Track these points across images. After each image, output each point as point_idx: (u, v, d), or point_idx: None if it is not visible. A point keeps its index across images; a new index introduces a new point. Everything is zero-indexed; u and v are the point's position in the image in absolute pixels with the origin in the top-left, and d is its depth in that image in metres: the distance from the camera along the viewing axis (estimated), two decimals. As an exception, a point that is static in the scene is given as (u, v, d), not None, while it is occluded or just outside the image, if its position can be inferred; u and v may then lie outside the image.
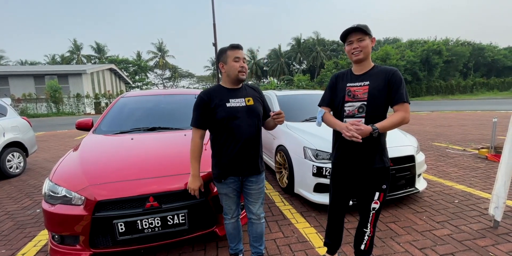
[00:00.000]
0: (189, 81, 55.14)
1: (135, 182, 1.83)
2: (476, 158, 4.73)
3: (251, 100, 1.69)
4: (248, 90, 1.75)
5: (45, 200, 1.89)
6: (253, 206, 1.76)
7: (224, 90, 1.68)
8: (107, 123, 2.96)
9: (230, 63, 1.61)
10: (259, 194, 1.75)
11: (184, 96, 3.56)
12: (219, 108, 1.61)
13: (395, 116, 1.49)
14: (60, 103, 22.00)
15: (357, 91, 1.58)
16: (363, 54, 1.54)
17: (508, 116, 10.78)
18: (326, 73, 32.40)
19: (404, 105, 1.50)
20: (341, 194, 1.75)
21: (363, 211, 1.70)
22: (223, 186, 1.70)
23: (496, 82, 34.82)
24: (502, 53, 39.46)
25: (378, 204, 1.65)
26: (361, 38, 1.52)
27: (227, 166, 1.65)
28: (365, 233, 1.71)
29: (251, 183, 1.71)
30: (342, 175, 1.70)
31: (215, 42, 11.38)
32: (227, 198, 1.73)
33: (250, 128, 1.65)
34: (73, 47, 42.89)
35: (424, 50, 30.83)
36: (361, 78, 1.59)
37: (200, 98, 1.65)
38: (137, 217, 1.73)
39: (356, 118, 1.57)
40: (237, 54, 1.60)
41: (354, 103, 1.58)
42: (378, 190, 1.63)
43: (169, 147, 2.32)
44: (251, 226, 1.81)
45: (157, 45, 47.45)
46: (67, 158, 2.22)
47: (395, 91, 1.50)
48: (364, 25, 1.54)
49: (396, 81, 1.50)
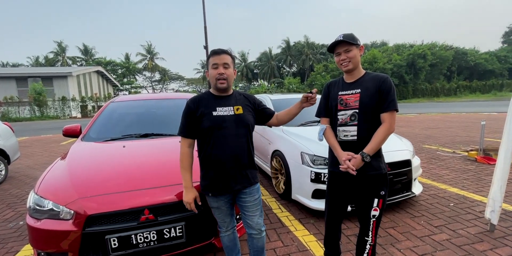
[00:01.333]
0: (179, 84, 54.63)
1: (129, 193, 1.73)
2: (466, 160, 4.83)
3: (240, 109, 1.60)
4: (238, 98, 1.65)
5: (29, 215, 1.75)
6: (251, 220, 1.63)
7: (212, 98, 1.59)
8: (97, 129, 2.83)
9: (210, 70, 1.55)
10: (256, 206, 1.65)
11: (177, 101, 3.47)
12: (205, 117, 1.52)
13: (378, 133, 1.52)
14: (44, 107, 21.25)
15: (349, 99, 1.59)
16: (352, 64, 1.56)
17: (492, 118, 11.16)
18: (316, 76, 32.78)
19: (391, 114, 1.52)
20: (337, 202, 1.74)
21: (363, 219, 1.66)
22: (214, 199, 1.60)
23: (478, 85, 36.20)
24: (483, 57, 41.10)
25: (378, 211, 1.62)
26: (348, 49, 1.54)
27: (215, 179, 1.55)
28: (366, 241, 1.67)
29: (245, 194, 1.62)
30: (338, 182, 1.69)
31: (206, 45, 11.29)
32: (219, 211, 1.64)
33: (238, 139, 1.55)
34: (58, 49, 41.69)
35: (410, 54, 31.74)
36: (353, 86, 1.60)
37: (187, 106, 1.57)
38: (132, 231, 1.63)
39: (348, 126, 1.60)
40: (215, 60, 1.52)
41: (347, 111, 1.60)
42: (377, 197, 1.60)
43: (164, 155, 2.22)
44: (251, 241, 1.70)
45: (146, 47, 46.80)
46: (54, 168, 2.09)
47: (384, 99, 1.52)
48: (350, 35, 1.55)
49: (386, 89, 1.52)
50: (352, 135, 1.58)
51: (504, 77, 40.96)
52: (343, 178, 1.65)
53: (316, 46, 45.77)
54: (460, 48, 40.70)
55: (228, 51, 1.57)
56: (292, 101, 4.33)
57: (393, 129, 1.53)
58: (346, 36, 1.53)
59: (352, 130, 1.58)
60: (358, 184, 1.62)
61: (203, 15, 11.23)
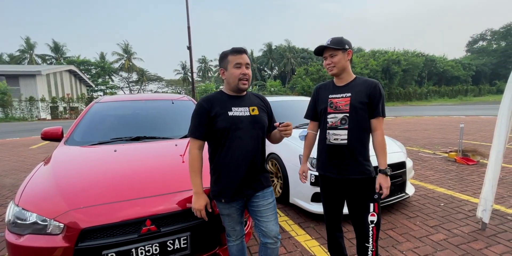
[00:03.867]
0: (157, 85, 53.10)
1: (128, 203, 1.57)
2: (447, 161, 5.07)
3: (256, 110, 1.53)
4: (252, 99, 1.59)
5: (9, 230, 1.53)
6: (265, 227, 1.50)
7: (226, 98, 1.51)
8: (81, 132, 2.60)
9: (230, 69, 1.45)
10: (271, 211, 1.55)
11: (167, 102, 3.30)
12: (220, 117, 1.44)
13: (379, 143, 1.57)
14: (9, 108, 19.66)
15: (339, 102, 1.60)
16: (336, 69, 1.57)
17: (462, 121, 11.94)
18: (297, 79, 33.39)
19: (379, 120, 1.58)
20: (332, 204, 1.74)
21: (360, 224, 1.63)
22: (226, 206, 1.51)
23: (446, 90, 38.85)
24: (450, 64, 44.25)
25: (376, 216, 1.60)
26: (333, 53, 1.55)
27: (229, 184, 1.47)
28: (367, 248, 1.63)
29: (257, 198, 1.53)
30: (329, 186, 1.71)
31: (189, 46, 11.03)
32: (229, 219, 1.55)
33: (253, 141, 1.48)
34: (25, 46, 38.85)
35: (385, 60, 33.40)
36: (343, 90, 1.61)
37: (200, 106, 1.47)
38: (132, 245, 1.47)
39: (339, 130, 1.60)
40: (239, 60, 1.44)
41: (337, 114, 1.60)
42: (371, 201, 1.60)
43: (162, 160, 2.07)
44: (265, 251, 1.56)
45: (123, 46, 45.02)
46: (36, 176, 1.86)
47: (375, 105, 1.55)
48: (337, 39, 1.55)
49: (376, 95, 1.55)
50: (342, 138, 1.59)
51: (468, 83, 44.34)
52: (334, 181, 1.66)
53: (297, 50, 46.69)
54: (430, 55, 43.47)
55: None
56: (286, 104, 4.36)
57: (383, 133, 1.60)
58: (333, 40, 1.54)
59: (342, 134, 1.59)
60: (348, 188, 1.63)
61: (186, 15, 10.97)
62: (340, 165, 1.60)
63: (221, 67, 1.51)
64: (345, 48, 1.54)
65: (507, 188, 3.58)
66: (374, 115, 1.57)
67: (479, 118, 13.02)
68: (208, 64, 52.45)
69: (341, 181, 1.63)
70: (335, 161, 1.61)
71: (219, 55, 1.54)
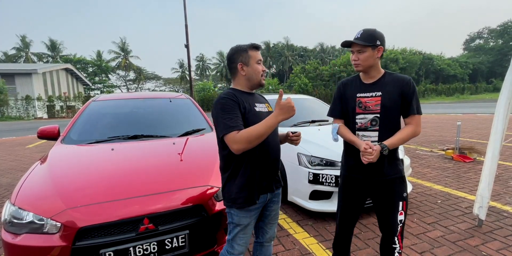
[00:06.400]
0: (155, 84, 52.85)
1: (125, 201, 1.56)
2: (444, 159, 5.10)
3: (269, 107, 1.53)
4: (260, 96, 1.58)
5: (5, 229, 1.52)
6: (270, 228, 1.55)
7: (245, 94, 1.42)
8: (78, 131, 2.58)
9: (253, 65, 1.38)
10: (277, 215, 1.58)
11: (164, 100, 3.29)
12: (250, 113, 1.35)
13: (405, 131, 1.45)
14: (5, 106, 19.49)
15: (369, 102, 1.49)
16: (362, 67, 1.46)
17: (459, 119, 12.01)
18: (294, 78, 33.34)
19: (415, 117, 1.47)
20: (352, 206, 1.66)
21: (388, 224, 1.55)
22: (248, 214, 1.36)
23: (443, 88, 38.99)
24: (447, 63, 44.40)
25: (403, 214, 1.55)
26: (361, 50, 1.43)
27: (260, 185, 1.37)
28: (394, 249, 1.55)
29: (273, 203, 1.51)
30: (354, 187, 1.61)
31: (187, 44, 10.97)
32: (246, 231, 1.39)
33: (275, 137, 1.47)
34: (21, 44, 38.46)
35: (383, 58, 33.44)
36: (372, 88, 1.49)
37: (229, 100, 1.30)
38: (130, 244, 1.47)
39: (369, 131, 1.51)
40: (259, 56, 1.40)
41: (366, 115, 1.50)
42: (401, 199, 1.53)
43: (160, 158, 2.06)
44: (260, 250, 1.60)
45: (120, 45, 44.67)
46: (33, 175, 1.85)
47: (408, 103, 1.45)
48: (369, 32, 1.41)
49: (409, 92, 1.44)
50: (373, 140, 1.49)
51: (465, 81, 44.55)
52: (360, 183, 1.56)
53: (295, 48, 46.61)
54: (427, 53, 43.61)
55: None
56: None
57: (419, 131, 1.48)
58: (364, 33, 1.41)
59: (373, 136, 1.49)
60: (376, 189, 1.55)
61: (184, 13, 10.91)
62: (371, 167, 1.49)
63: (239, 62, 1.38)
64: (375, 45, 1.40)
65: (503, 185, 3.61)
66: (409, 113, 1.45)
67: (476, 116, 13.09)
68: (206, 63, 52.27)
69: (370, 183, 1.54)
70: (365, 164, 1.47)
71: (232, 49, 1.41)
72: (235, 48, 1.42)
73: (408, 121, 1.49)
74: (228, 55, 1.44)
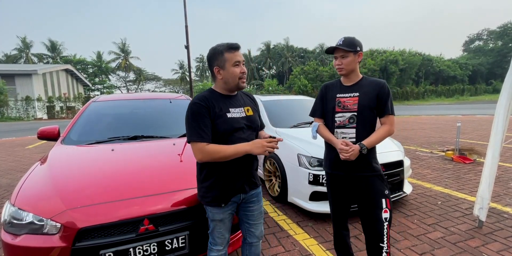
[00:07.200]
0: (155, 84, 52.88)
1: (125, 202, 1.56)
2: (444, 160, 5.10)
3: (250, 110, 1.49)
4: (244, 98, 1.53)
5: (5, 230, 1.52)
6: (255, 228, 1.56)
7: (220, 98, 1.41)
8: (78, 131, 2.58)
9: (229, 68, 1.34)
10: (261, 213, 1.59)
11: (164, 101, 3.29)
12: (220, 119, 1.35)
13: (380, 130, 1.59)
14: (5, 107, 19.49)
15: (347, 102, 1.62)
16: (345, 70, 1.59)
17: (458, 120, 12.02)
18: (294, 80, 33.38)
19: (389, 117, 1.60)
20: (340, 202, 1.75)
21: (372, 223, 1.59)
22: (221, 210, 1.43)
23: (443, 90, 39.03)
24: (446, 64, 44.45)
25: (388, 212, 1.59)
26: (344, 55, 1.56)
27: (229, 186, 1.41)
28: (382, 249, 1.58)
29: (253, 203, 1.52)
30: (338, 184, 1.71)
31: (187, 45, 10.98)
32: (221, 225, 1.46)
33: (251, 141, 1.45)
34: (22, 45, 38.51)
35: (382, 60, 33.45)
36: (351, 89, 1.63)
37: (199, 106, 1.33)
38: (130, 245, 1.47)
39: (347, 128, 1.62)
40: (237, 57, 1.35)
41: (345, 113, 1.62)
42: (383, 197, 1.59)
43: (160, 159, 2.06)
44: (249, 249, 1.61)
45: (120, 46, 44.73)
46: (33, 175, 1.84)
47: (383, 104, 1.58)
48: (350, 40, 1.55)
49: (384, 94, 1.58)
50: (350, 137, 1.61)
51: (465, 82, 44.59)
52: (342, 179, 1.67)
53: (295, 50, 46.67)
54: (427, 55, 43.66)
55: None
56: (284, 103, 4.36)
57: (393, 131, 1.60)
58: (345, 41, 1.54)
59: (350, 133, 1.61)
60: (358, 186, 1.62)
61: (184, 14, 10.92)
62: (349, 163, 1.59)
63: (215, 65, 1.37)
64: (356, 50, 1.55)
65: (503, 186, 3.61)
66: (384, 113, 1.59)
67: (475, 117, 13.10)
68: (206, 63, 52.26)
69: (350, 179, 1.63)
70: (342, 160, 1.58)
71: (210, 51, 1.39)
72: (212, 50, 1.38)
73: (384, 121, 1.61)
74: (207, 57, 1.43)
